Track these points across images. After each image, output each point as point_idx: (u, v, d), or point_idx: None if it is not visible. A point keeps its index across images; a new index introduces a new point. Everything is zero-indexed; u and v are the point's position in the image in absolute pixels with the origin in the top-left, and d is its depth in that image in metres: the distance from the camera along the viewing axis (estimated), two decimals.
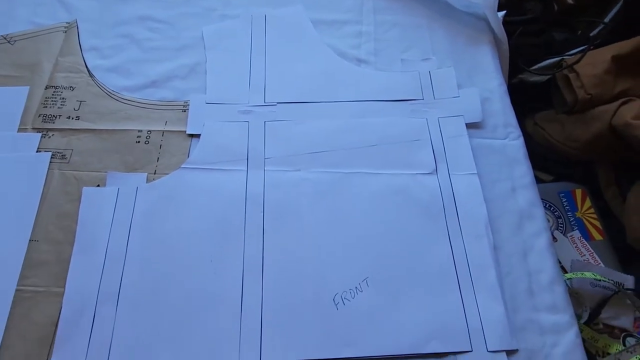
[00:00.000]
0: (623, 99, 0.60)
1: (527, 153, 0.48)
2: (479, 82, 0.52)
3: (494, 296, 0.40)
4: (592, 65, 0.62)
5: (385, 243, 0.42)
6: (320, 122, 0.49)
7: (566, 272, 0.61)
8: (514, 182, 0.46)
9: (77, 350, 0.36)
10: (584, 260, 0.62)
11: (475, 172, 0.46)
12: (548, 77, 0.72)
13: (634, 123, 0.55)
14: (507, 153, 0.48)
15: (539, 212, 0.45)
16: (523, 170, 0.47)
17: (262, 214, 0.43)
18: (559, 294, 0.41)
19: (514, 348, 0.38)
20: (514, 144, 0.49)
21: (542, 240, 0.43)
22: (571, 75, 0.64)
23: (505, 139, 0.49)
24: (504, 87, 0.52)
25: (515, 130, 0.49)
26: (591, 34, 0.69)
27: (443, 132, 0.48)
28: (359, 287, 0.40)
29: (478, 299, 0.40)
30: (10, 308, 0.38)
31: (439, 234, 0.43)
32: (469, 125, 0.49)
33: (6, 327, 0.37)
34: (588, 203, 0.66)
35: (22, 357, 0.36)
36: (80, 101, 0.48)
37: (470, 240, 0.43)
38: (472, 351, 0.38)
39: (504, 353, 0.38)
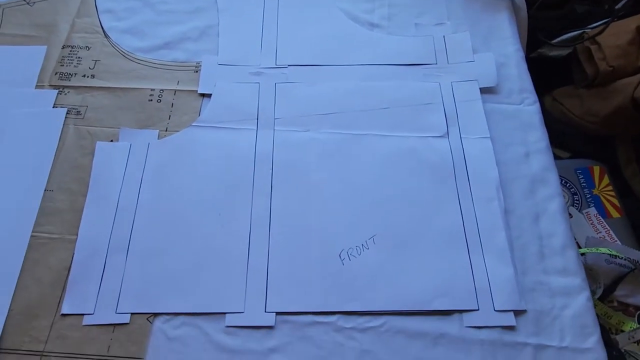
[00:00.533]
0: None
1: (542, 119, 0.47)
2: (495, 47, 0.51)
3: (503, 258, 0.39)
4: (615, 36, 0.60)
5: (393, 203, 0.42)
6: (331, 84, 0.48)
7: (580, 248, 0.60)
8: (528, 147, 0.45)
9: (89, 293, 0.37)
10: (600, 237, 0.61)
11: (488, 135, 0.45)
12: (568, 51, 0.70)
13: None
14: (522, 118, 0.47)
15: (552, 176, 0.44)
16: (538, 136, 0.46)
17: (270, 171, 0.43)
18: (571, 258, 0.40)
19: (522, 309, 0.37)
20: (530, 109, 0.47)
21: (555, 205, 0.42)
22: (593, 47, 0.61)
23: (520, 104, 0.48)
24: (521, 53, 0.51)
25: (531, 96, 0.48)
26: (616, 6, 0.67)
27: (456, 96, 0.48)
28: (365, 244, 0.40)
29: (487, 260, 0.39)
30: (26, 253, 0.39)
31: (448, 196, 0.42)
32: (483, 90, 0.48)
33: (21, 270, 0.38)
34: (606, 180, 0.64)
35: (36, 298, 0.37)
36: (96, 60, 0.49)
37: (480, 203, 0.42)
38: (478, 310, 0.37)
39: (512, 313, 0.37)
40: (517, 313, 0.37)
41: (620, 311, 0.56)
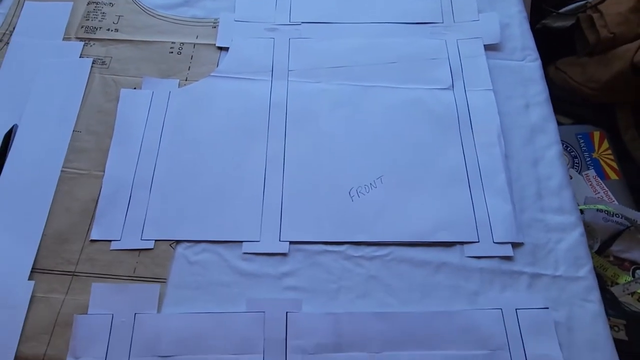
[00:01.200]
0: None
1: (543, 74, 0.49)
2: (499, 8, 0.53)
3: (503, 196, 0.42)
4: (616, 4, 0.62)
5: (400, 147, 0.45)
6: (342, 40, 0.51)
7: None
8: (528, 99, 0.48)
9: (115, 222, 0.40)
10: (598, 197, 0.63)
11: (491, 88, 0.48)
12: (572, 22, 0.72)
13: None
14: (524, 73, 0.49)
15: (551, 126, 0.46)
16: (538, 89, 0.48)
17: (284, 118, 0.46)
18: (566, 198, 0.42)
19: (520, 241, 0.40)
20: (531, 65, 0.50)
21: (553, 151, 0.44)
22: (595, 15, 0.64)
23: (522, 60, 0.50)
24: (524, 14, 0.53)
25: (533, 53, 0.50)
26: None
27: (461, 52, 0.50)
28: (373, 183, 0.43)
29: (487, 198, 0.42)
30: (56, 186, 0.42)
31: (452, 142, 0.45)
32: (487, 47, 0.50)
33: (53, 200, 0.41)
34: (606, 145, 0.66)
35: (67, 226, 0.40)
36: (119, 16, 0.52)
37: (482, 148, 0.44)
38: (478, 242, 0.40)
39: (509, 245, 0.40)
40: (515, 245, 0.40)
41: (616, 265, 0.59)
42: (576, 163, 0.65)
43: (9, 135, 0.44)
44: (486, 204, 0.41)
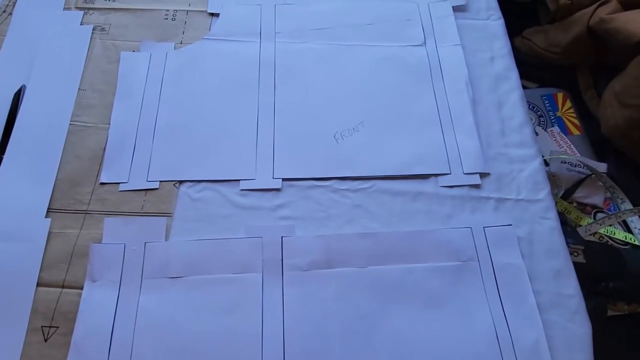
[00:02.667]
0: (600, 1, 0.65)
1: (506, 32, 0.55)
2: None
3: (471, 134, 0.47)
4: None
5: (378, 96, 0.49)
6: (324, 5, 0.55)
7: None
8: (493, 53, 0.53)
9: (123, 166, 0.44)
10: (562, 150, 0.69)
11: (459, 43, 0.53)
12: None
13: (606, 18, 0.61)
14: (489, 30, 0.54)
15: (513, 75, 0.51)
16: (501, 44, 0.53)
17: (273, 73, 0.50)
18: (527, 134, 0.47)
19: (486, 171, 0.45)
20: (495, 23, 0.55)
21: (515, 95, 0.50)
22: None
23: (487, 19, 0.55)
24: None
25: (496, 13, 0.56)
26: None
27: (432, 14, 0.55)
28: (355, 127, 0.47)
29: (457, 136, 0.47)
30: (66, 137, 0.45)
31: (424, 89, 0.50)
32: (455, 9, 0.55)
33: (63, 149, 0.45)
34: (568, 104, 0.72)
35: (78, 171, 0.44)
36: None
37: (452, 94, 0.49)
38: (450, 174, 0.45)
39: (478, 175, 0.45)
40: (482, 175, 0.45)
41: (579, 210, 0.64)
42: (542, 121, 0.71)
43: (19, 95, 0.47)
44: (456, 141, 0.47)
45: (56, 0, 0.54)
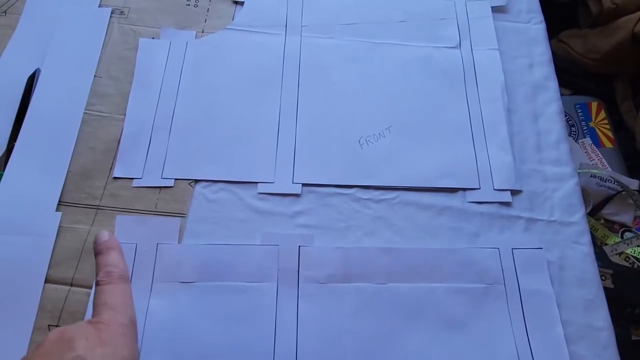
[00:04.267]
0: None
1: (547, 36, 0.51)
2: None
3: (504, 147, 0.44)
4: None
5: (407, 100, 0.47)
6: None
7: None
8: (532, 59, 0.50)
9: (137, 161, 0.42)
10: (593, 164, 0.66)
11: (497, 47, 0.50)
12: None
13: None
14: (529, 34, 0.51)
15: (552, 84, 0.48)
16: (542, 50, 0.50)
17: (297, 70, 0.48)
18: (564, 151, 0.45)
19: (518, 189, 0.43)
20: (536, 27, 0.52)
21: (553, 107, 0.47)
22: None
23: (528, 22, 0.52)
24: None
25: (538, 16, 0.52)
26: None
27: (469, 14, 0.52)
28: (382, 133, 0.45)
29: (489, 148, 0.44)
30: (80, 127, 0.44)
31: (457, 96, 0.47)
32: (494, 9, 0.52)
33: (77, 140, 0.43)
34: (602, 115, 0.69)
35: (91, 163, 0.42)
36: None
37: (486, 102, 0.47)
38: (480, 189, 0.42)
39: (509, 192, 0.42)
40: (514, 193, 0.43)
41: (607, 228, 0.62)
42: (573, 131, 0.68)
43: (32, 78, 0.46)
44: (488, 154, 0.44)
45: None
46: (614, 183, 0.62)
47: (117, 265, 0.33)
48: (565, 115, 0.71)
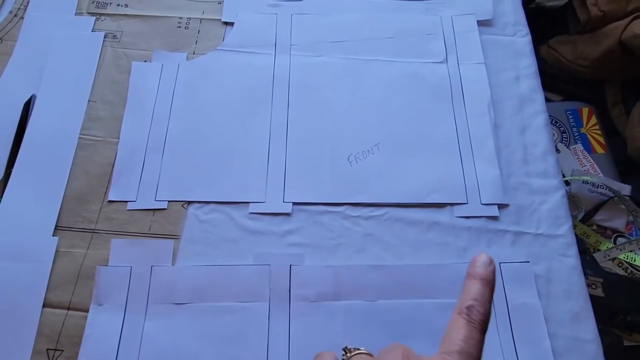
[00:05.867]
0: (635, 15, 0.62)
1: (533, 49, 0.52)
2: None
3: (491, 162, 0.45)
4: None
5: (396, 116, 0.47)
6: (343, 15, 0.53)
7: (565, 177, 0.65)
8: (519, 72, 0.50)
9: (131, 184, 0.43)
10: (584, 170, 0.66)
11: (483, 62, 0.50)
12: (565, 2, 0.74)
13: None
14: (515, 47, 0.52)
15: (539, 97, 0.49)
16: (528, 62, 0.51)
17: (287, 89, 0.48)
18: (550, 163, 0.45)
19: (505, 203, 0.43)
20: (522, 40, 0.52)
21: (540, 120, 0.47)
22: None
23: (513, 35, 0.53)
24: None
25: (524, 29, 0.53)
26: None
27: (455, 28, 0.52)
28: (370, 150, 0.46)
29: (476, 163, 0.45)
30: (75, 151, 0.45)
31: (444, 111, 0.48)
32: (480, 23, 0.53)
33: (72, 164, 0.44)
34: (594, 120, 0.69)
35: (86, 187, 0.43)
36: None
37: (473, 117, 0.47)
38: (467, 203, 0.43)
39: (496, 206, 0.43)
40: (501, 207, 0.43)
41: (599, 233, 0.62)
42: (565, 137, 0.68)
43: (29, 104, 0.47)
44: (475, 169, 0.45)
45: (68, 3, 0.53)
46: (605, 189, 0.63)
47: (483, 306, 0.27)
48: (557, 122, 0.71)
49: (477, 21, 0.53)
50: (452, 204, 0.43)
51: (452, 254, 0.41)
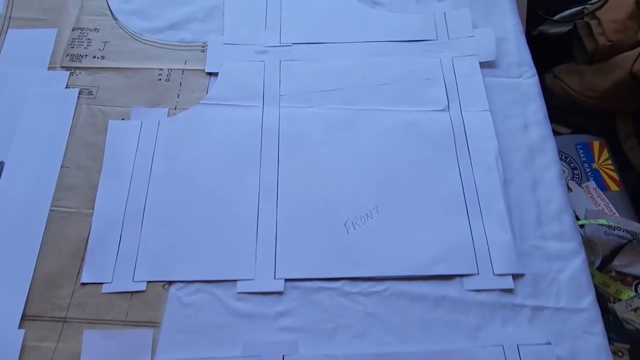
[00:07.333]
0: None
1: (541, 91, 0.48)
2: (494, 22, 0.52)
3: (502, 224, 0.41)
4: (614, 10, 0.60)
5: (395, 173, 0.43)
6: (334, 61, 0.49)
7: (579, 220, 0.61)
8: (527, 118, 0.46)
9: (106, 263, 0.39)
10: (599, 209, 0.62)
11: (488, 108, 0.46)
12: (569, 28, 0.70)
13: None
14: (521, 90, 0.48)
15: (550, 146, 0.45)
16: (536, 107, 0.47)
17: (277, 144, 0.45)
18: (567, 223, 0.41)
19: (520, 272, 0.39)
20: (528, 82, 0.48)
21: (552, 172, 0.43)
22: (592, 22, 0.62)
23: (519, 77, 0.49)
24: (520, 27, 0.52)
25: (530, 70, 0.49)
26: None
27: (456, 71, 0.49)
28: (369, 214, 0.42)
29: (486, 226, 0.41)
30: (45, 226, 0.41)
31: (448, 166, 0.44)
32: (483, 64, 0.49)
33: (42, 241, 0.40)
34: (605, 154, 0.65)
35: (57, 268, 0.39)
36: (105, 42, 0.50)
37: (480, 172, 0.43)
38: (478, 274, 0.39)
39: (510, 277, 0.39)
40: (515, 277, 0.39)
41: (618, 281, 0.58)
42: (576, 175, 0.64)
43: None
44: (485, 233, 0.40)
45: (41, 57, 0.49)
46: (623, 231, 0.59)
47: None
48: (567, 157, 0.67)
49: (480, 63, 0.49)
50: (461, 276, 0.39)
51: (463, 335, 0.37)
